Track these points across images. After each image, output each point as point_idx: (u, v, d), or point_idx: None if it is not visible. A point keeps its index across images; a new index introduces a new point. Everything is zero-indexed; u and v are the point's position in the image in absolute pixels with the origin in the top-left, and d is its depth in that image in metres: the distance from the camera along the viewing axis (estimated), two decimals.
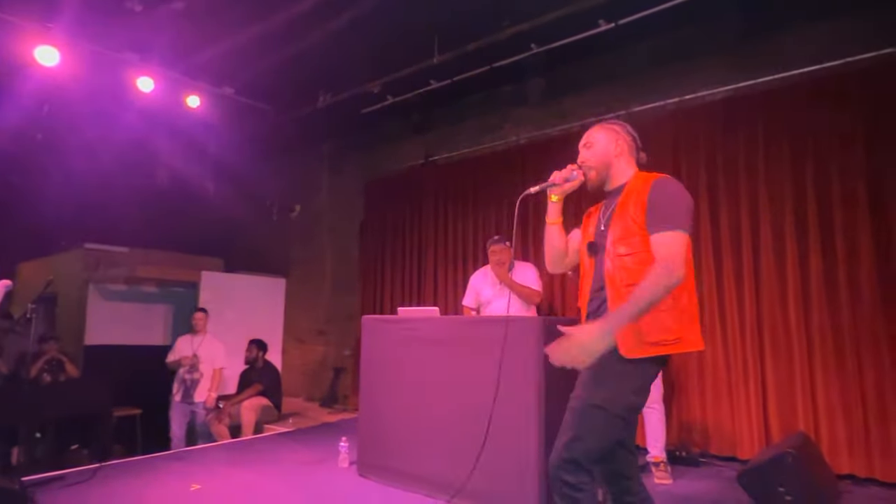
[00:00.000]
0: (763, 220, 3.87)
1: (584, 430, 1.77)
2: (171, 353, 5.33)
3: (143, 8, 4.17)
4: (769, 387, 3.73)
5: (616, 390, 1.77)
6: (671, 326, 1.76)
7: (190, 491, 3.25)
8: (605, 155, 2.01)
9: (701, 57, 4.30)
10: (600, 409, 1.76)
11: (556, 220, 2.13)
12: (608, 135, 2.02)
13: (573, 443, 1.76)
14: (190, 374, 5.23)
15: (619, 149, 2.00)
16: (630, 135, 2.04)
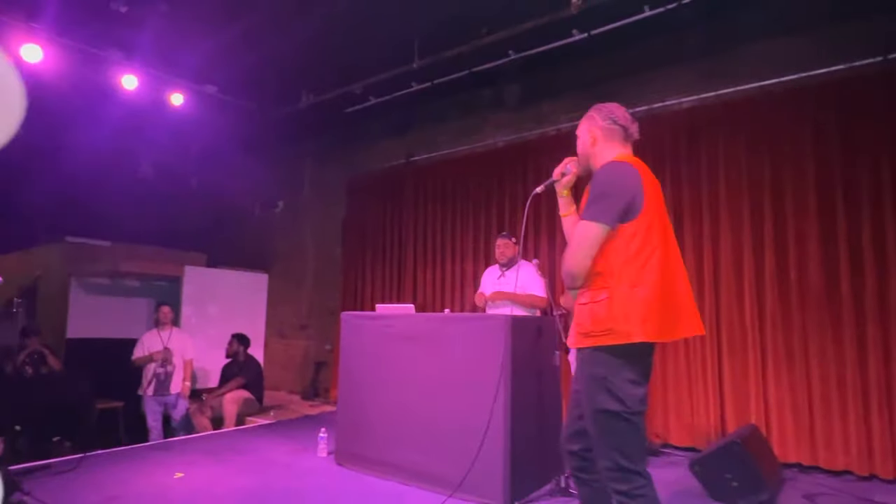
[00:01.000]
0: (722, 223, 4.10)
1: (608, 437, 1.76)
2: (139, 348, 5.35)
3: (129, 9, 4.25)
4: (725, 382, 3.98)
5: (611, 390, 1.75)
6: (602, 317, 1.76)
7: (174, 479, 3.39)
8: (584, 146, 2.01)
9: (668, 67, 4.51)
10: (610, 413, 1.74)
11: (567, 211, 2.07)
12: (585, 125, 2.02)
13: (608, 453, 1.75)
14: (163, 368, 5.28)
15: (593, 137, 1.97)
16: (609, 118, 1.97)
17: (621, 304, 1.74)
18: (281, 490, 3.22)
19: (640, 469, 1.75)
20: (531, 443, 3.15)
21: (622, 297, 1.75)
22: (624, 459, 1.72)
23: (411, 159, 6.12)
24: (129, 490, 3.14)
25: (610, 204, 1.77)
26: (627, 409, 1.73)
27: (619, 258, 1.77)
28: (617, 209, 1.76)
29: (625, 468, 1.72)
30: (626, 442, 1.74)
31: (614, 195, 1.78)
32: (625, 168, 1.84)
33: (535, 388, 3.27)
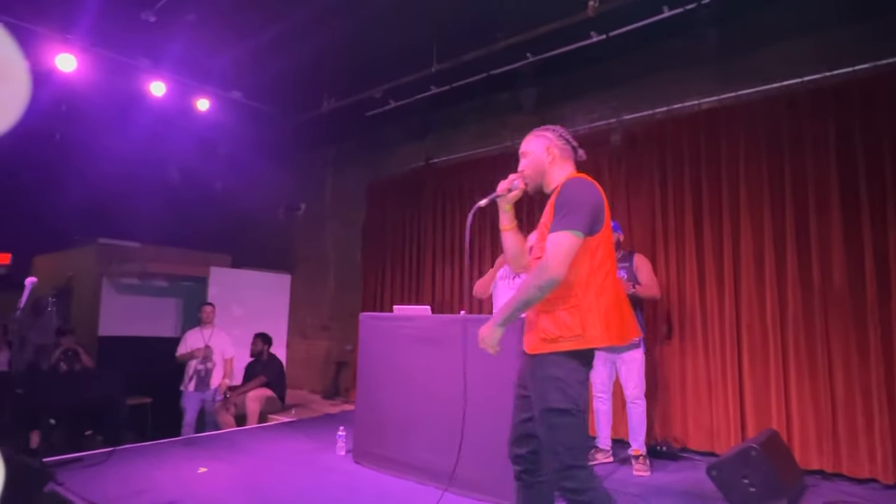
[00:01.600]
0: (743, 225, 4.05)
1: (560, 436, 1.85)
2: (182, 346, 5.57)
3: (157, 19, 4.40)
4: (746, 386, 3.92)
5: (565, 390, 1.85)
6: (570, 324, 1.86)
7: (197, 473, 3.50)
8: (539, 163, 2.08)
9: (688, 69, 4.46)
10: (563, 411, 1.85)
11: (509, 226, 2.18)
12: (540, 143, 2.09)
13: (558, 452, 1.84)
14: (203, 365, 5.49)
15: (551, 155, 2.06)
16: (562, 138, 2.10)
17: (588, 311, 1.87)
18: (299, 487, 3.30)
19: (586, 465, 1.86)
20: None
21: (589, 305, 1.87)
22: (571, 458, 1.83)
23: (430, 162, 6.18)
24: (155, 483, 3.26)
25: (583, 216, 1.86)
26: (577, 409, 1.86)
27: (585, 269, 1.89)
28: (589, 221, 1.87)
29: (573, 466, 1.82)
30: (574, 440, 1.86)
31: (586, 208, 1.88)
32: (592, 184, 1.97)
33: None
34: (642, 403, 3.66)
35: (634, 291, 3.66)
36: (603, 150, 4.82)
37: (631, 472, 3.59)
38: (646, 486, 3.35)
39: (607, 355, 3.79)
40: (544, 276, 1.83)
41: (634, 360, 3.66)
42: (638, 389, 3.65)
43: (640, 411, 3.65)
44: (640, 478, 3.51)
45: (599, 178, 4.79)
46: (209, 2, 4.33)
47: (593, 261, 1.90)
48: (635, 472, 3.55)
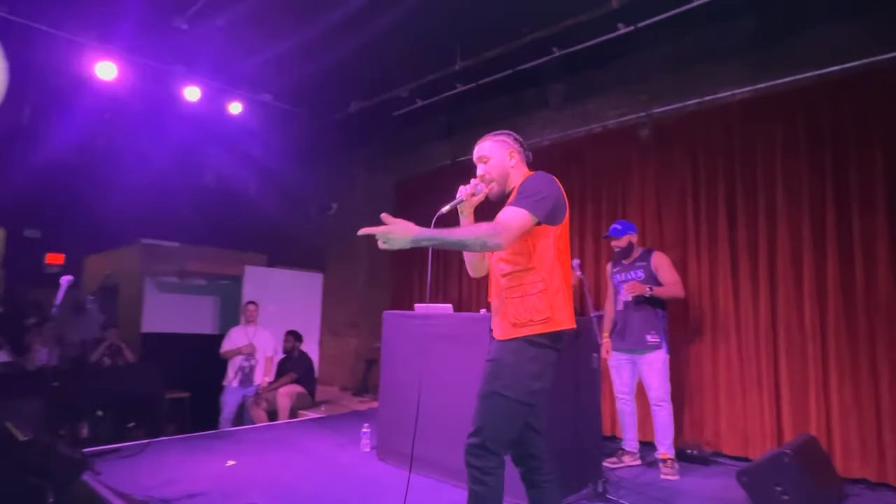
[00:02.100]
0: (780, 222, 3.87)
1: (488, 416, 1.91)
2: (226, 342, 5.72)
3: (189, 26, 4.55)
4: (782, 388, 3.75)
5: (513, 377, 1.91)
6: (540, 308, 1.93)
7: (225, 466, 3.61)
8: (503, 166, 2.13)
9: (720, 58, 4.29)
10: (501, 396, 1.90)
11: None
12: (501, 147, 2.15)
13: (480, 429, 1.90)
14: (247, 362, 5.65)
15: (513, 158, 2.14)
16: (518, 141, 2.18)
17: (555, 296, 1.96)
18: (322, 481, 3.35)
19: (501, 453, 1.90)
20: (567, 445, 3.12)
21: (555, 290, 1.97)
22: (491, 441, 1.87)
23: (456, 160, 6.16)
24: (185, 474, 3.38)
25: (542, 201, 1.93)
26: (518, 399, 1.90)
27: (549, 256, 1.98)
28: (547, 207, 1.95)
29: (488, 448, 1.87)
30: (502, 427, 1.90)
31: (547, 195, 1.96)
32: (553, 179, 2.04)
33: (571, 391, 3.23)
34: (667, 406, 3.55)
35: (652, 293, 3.56)
36: (631, 145, 4.70)
37: (658, 476, 3.50)
38: (672, 491, 3.26)
39: (628, 356, 3.70)
40: (492, 239, 1.83)
41: (656, 362, 3.56)
42: (661, 391, 3.54)
43: (666, 414, 3.54)
44: (668, 482, 3.41)
45: (627, 174, 4.71)
46: (237, 8, 4.44)
47: (557, 249, 2.00)
48: (663, 475, 3.46)
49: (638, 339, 3.61)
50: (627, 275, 3.76)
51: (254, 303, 5.98)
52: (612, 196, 4.81)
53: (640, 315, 3.62)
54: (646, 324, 3.62)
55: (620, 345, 3.72)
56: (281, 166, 7.03)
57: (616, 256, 3.88)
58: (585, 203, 4.98)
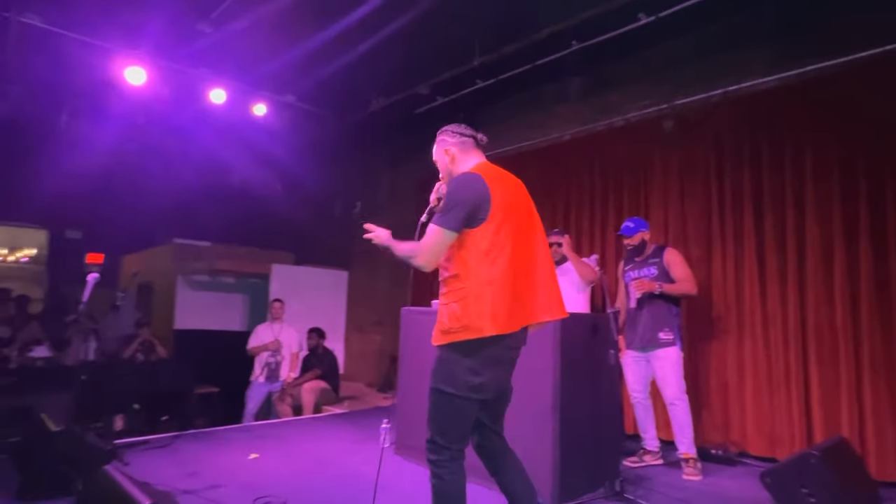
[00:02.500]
0: (809, 215, 3.72)
1: (433, 411, 2.00)
2: (253, 339, 5.86)
3: (213, 30, 4.67)
4: (812, 388, 3.61)
5: (449, 373, 1.97)
6: (459, 315, 1.95)
7: (248, 459, 3.70)
8: (444, 166, 2.23)
9: (746, 47, 4.15)
10: (442, 392, 1.97)
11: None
12: (439, 148, 2.24)
13: (429, 425, 2.00)
14: (274, 358, 5.79)
15: (450, 154, 2.19)
16: (456, 133, 2.20)
17: (475, 302, 1.93)
18: (338, 475, 3.40)
19: (452, 447, 1.97)
20: (584, 443, 3.07)
21: (475, 296, 1.94)
22: (439, 435, 1.96)
23: None
24: (208, 466, 3.47)
25: (455, 213, 1.95)
26: (456, 393, 1.94)
27: (472, 259, 1.96)
28: (460, 217, 1.95)
29: (438, 443, 1.96)
30: (447, 421, 1.97)
31: (458, 205, 1.96)
32: (470, 178, 2.02)
33: (588, 388, 3.18)
34: (683, 404, 3.45)
35: (662, 291, 3.47)
36: (654, 138, 4.59)
37: (679, 476, 3.41)
38: (693, 491, 3.18)
39: (639, 354, 3.63)
40: (413, 260, 1.98)
41: (668, 359, 3.47)
42: (676, 389, 3.45)
43: (682, 412, 3.44)
44: (690, 482, 3.32)
45: (650, 167, 4.61)
46: (259, 11, 4.52)
47: (478, 250, 1.96)
48: (685, 476, 3.37)
49: (651, 337, 3.54)
50: (640, 272, 3.68)
51: (280, 300, 6.10)
52: (635, 190, 4.72)
53: (653, 312, 3.54)
54: (659, 321, 3.53)
55: (633, 343, 3.65)
56: (306, 166, 7.16)
57: (629, 254, 3.80)
58: (607, 197, 4.89)
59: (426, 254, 1.97)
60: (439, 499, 1.97)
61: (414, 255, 1.97)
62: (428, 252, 1.97)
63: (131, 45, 4.87)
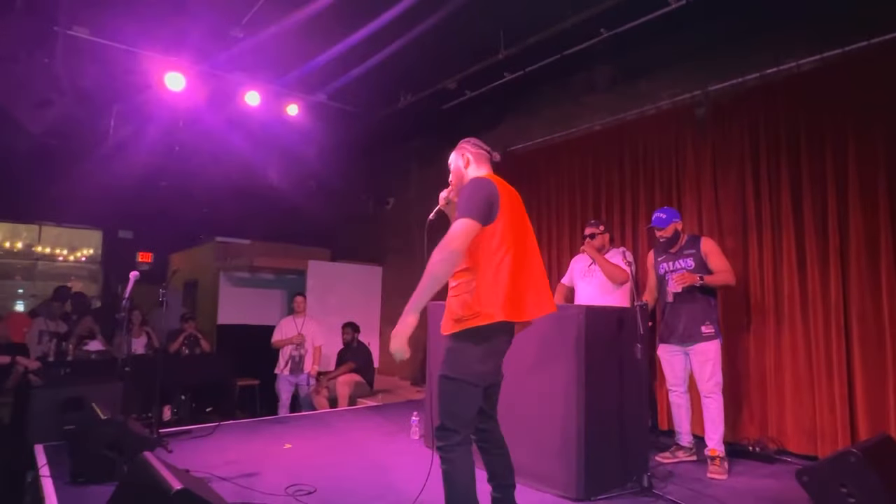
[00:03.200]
0: (852, 201, 3.54)
1: (443, 398, 2.10)
2: (277, 332, 6.05)
3: (245, 34, 4.82)
4: (856, 383, 3.44)
5: (458, 361, 2.09)
6: (471, 303, 2.08)
7: (282, 449, 3.84)
8: (459, 172, 2.41)
9: (783, 27, 3.97)
10: (453, 379, 2.09)
11: None
12: (457, 153, 2.44)
13: (439, 411, 2.09)
14: (297, 351, 5.96)
15: (466, 161, 2.40)
16: (476, 146, 2.42)
17: (486, 292, 2.07)
18: (370, 466, 3.48)
19: (461, 432, 2.05)
20: (611, 438, 3.05)
21: (486, 286, 2.08)
22: (449, 420, 2.05)
23: (507, 150, 6.10)
24: (245, 455, 3.62)
25: (477, 207, 2.10)
26: (462, 379, 2.06)
27: (483, 254, 2.11)
28: (483, 212, 2.10)
29: (449, 428, 2.05)
30: (457, 407, 2.07)
31: (480, 201, 2.11)
32: (484, 181, 2.22)
33: (614, 383, 3.14)
34: (717, 399, 3.36)
35: (703, 283, 3.37)
36: (686, 126, 4.46)
37: (705, 475, 3.31)
38: (727, 489, 3.09)
39: (678, 347, 3.54)
40: (445, 249, 2.03)
41: (709, 352, 3.38)
42: (711, 383, 3.36)
43: (715, 407, 3.35)
44: (721, 480, 3.23)
45: (682, 154, 4.49)
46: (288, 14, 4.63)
47: (489, 247, 2.11)
48: (709, 474, 3.27)
49: (693, 331, 3.44)
50: (675, 264, 3.58)
51: (302, 295, 6.25)
52: (667, 179, 4.59)
53: (694, 306, 3.45)
54: (700, 314, 3.44)
55: (671, 337, 3.56)
56: (338, 164, 7.30)
57: (660, 245, 3.70)
58: (638, 188, 4.79)
59: (457, 240, 2.03)
60: (451, 484, 2.04)
61: (444, 246, 2.02)
62: (459, 238, 2.04)
63: (170, 52, 5.07)
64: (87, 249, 11.30)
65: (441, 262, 2.02)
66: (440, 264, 2.02)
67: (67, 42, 4.75)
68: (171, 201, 8.74)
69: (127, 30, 4.82)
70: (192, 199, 8.62)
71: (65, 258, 11.36)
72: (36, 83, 4.81)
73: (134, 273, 3.35)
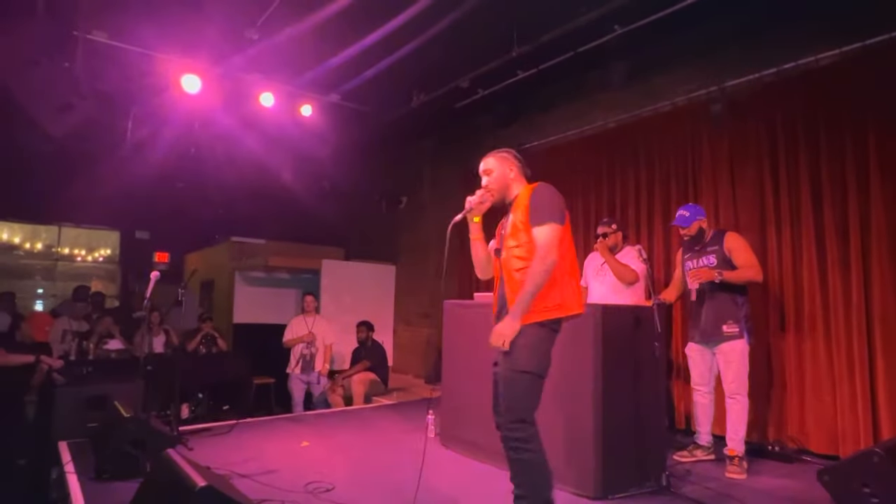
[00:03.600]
0: (874, 198, 3.48)
1: (520, 392, 2.21)
2: (288, 332, 6.08)
3: (259, 36, 4.86)
4: (879, 382, 3.39)
5: (534, 357, 2.22)
6: (550, 295, 2.25)
7: (300, 446, 3.88)
8: (503, 179, 2.50)
9: (801, 21, 3.91)
10: (527, 373, 2.21)
11: (478, 236, 2.58)
12: (502, 163, 2.52)
13: (513, 406, 2.21)
14: (308, 350, 5.99)
15: (513, 172, 2.50)
16: (517, 159, 2.54)
17: (564, 286, 2.29)
18: (386, 464, 3.51)
19: (534, 423, 2.21)
20: (628, 437, 3.03)
21: (563, 281, 2.30)
22: (526, 413, 2.20)
23: (521, 147, 6.10)
24: (264, 453, 3.66)
25: (558, 210, 2.29)
26: (539, 374, 2.23)
27: (559, 253, 2.26)
28: (562, 215, 2.30)
29: (527, 421, 2.19)
30: (532, 400, 2.22)
31: (558, 205, 2.31)
32: (553, 188, 2.38)
33: (631, 382, 3.12)
34: (742, 400, 3.32)
35: (722, 279, 3.33)
36: (702, 122, 4.42)
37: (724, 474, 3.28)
38: (745, 489, 3.07)
39: (704, 347, 3.51)
40: (547, 259, 2.21)
41: (733, 352, 3.33)
42: (736, 384, 3.32)
43: (739, 408, 3.31)
44: (740, 479, 3.21)
45: (699, 151, 4.45)
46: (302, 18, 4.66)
47: (562, 247, 2.30)
48: (728, 474, 3.24)
49: (714, 330, 3.40)
50: (699, 261, 3.53)
51: (311, 294, 6.28)
52: (682, 176, 4.56)
53: (716, 304, 3.40)
54: (722, 312, 3.39)
55: (695, 336, 3.54)
56: (351, 163, 7.34)
57: (687, 243, 3.67)
58: (653, 186, 4.76)
59: (553, 248, 2.22)
60: (535, 469, 2.20)
61: (545, 257, 2.20)
62: (552, 246, 2.22)
63: (186, 55, 5.13)
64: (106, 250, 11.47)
65: (544, 273, 2.19)
66: (542, 275, 2.19)
67: (87, 46, 4.83)
68: (187, 202, 8.84)
69: (144, 33, 4.89)
70: (207, 200, 8.71)
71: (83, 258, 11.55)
72: (57, 87, 4.90)
73: (155, 273, 3.40)
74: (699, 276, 3.39)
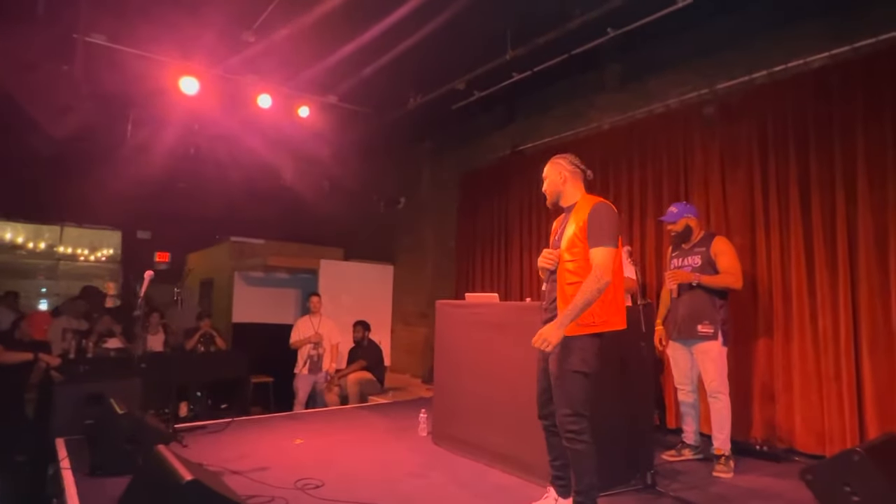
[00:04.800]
0: (861, 202, 3.51)
1: (575, 390, 2.42)
2: (294, 333, 6.13)
3: (256, 38, 4.91)
4: (865, 384, 3.42)
5: (587, 357, 2.44)
6: (598, 312, 2.44)
7: (293, 444, 3.93)
8: (555, 185, 2.66)
9: (792, 25, 3.95)
10: (580, 373, 2.42)
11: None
12: (555, 169, 2.67)
13: (569, 402, 2.42)
14: (315, 350, 6.03)
15: (563, 177, 2.64)
16: (573, 164, 2.65)
17: (612, 304, 2.48)
18: (377, 461, 3.56)
19: (587, 415, 2.42)
20: (614, 435, 3.06)
21: (612, 299, 2.48)
22: (582, 408, 2.41)
23: (517, 150, 6.14)
24: (257, 450, 3.72)
25: (614, 234, 2.46)
26: (592, 373, 2.44)
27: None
28: (616, 238, 2.47)
29: (582, 414, 2.41)
30: (585, 396, 2.43)
31: (614, 228, 2.47)
32: (612, 209, 2.52)
33: (618, 381, 3.16)
34: (724, 398, 3.36)
35: (699, 283, 3.37)
36: (695, 124, 4.45)
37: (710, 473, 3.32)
38: (731, 487, 3.11)
39: (683, 346, 3.55)
40: (601, 281, 2.37)
41: (710, 352, 3.38)
42: (717, 383, 3.36)
43: (721, 406, 3.35)
44: (726, 478, 3.24)
45: (691, 153, 4.48)
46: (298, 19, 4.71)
47: (614, 266, 2.44)
48: (715, 473, 3.28)
49: (690, 329, 3.45)
50: (684, 261, 3.58)
51: (317, 295, 6.32)
52: (674, 177, 4.59)
53: (692, 303, 3.45)
54: (698, 313, 3.43)
55: (672, 333, 3.58)
56: (349, 164, 7.38)
57: (675, 241, 3.71)
58: (646, 186, 4.79)
59: (607, 271, 2.37)
60: (586, 458, 2.40)
61: (599, 279, 2.36)
62: (607, 268, 2.38)
63: (184, 57, 5.19)
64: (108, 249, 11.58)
65: (596, 292, 2.35)
66: (595, 293, 2.35)
67: (86, 49, 4.89)
68: (188, 202, 8.91)
69: (142, 36, 4.94)
70: (207, 201, 8.77)
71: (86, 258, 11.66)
72: (57, 90, 4.97)
73: (149, 272, 3.46)
74: (676, 277, 3.44)
